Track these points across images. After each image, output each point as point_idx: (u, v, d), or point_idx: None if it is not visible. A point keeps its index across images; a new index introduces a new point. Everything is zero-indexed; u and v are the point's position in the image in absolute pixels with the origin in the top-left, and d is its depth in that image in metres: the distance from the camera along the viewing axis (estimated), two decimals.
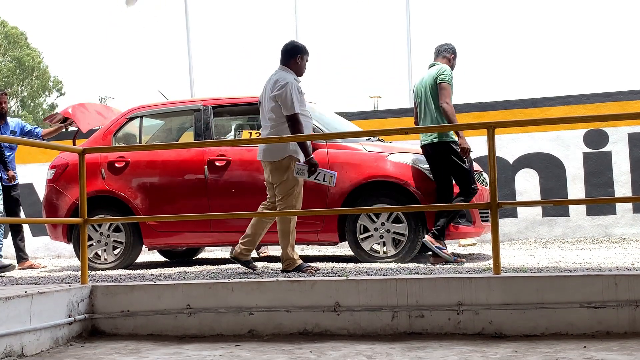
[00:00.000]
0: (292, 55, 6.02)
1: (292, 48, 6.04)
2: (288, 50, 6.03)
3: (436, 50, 6.58)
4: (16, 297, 3.96)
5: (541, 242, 8.91)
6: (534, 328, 4.08)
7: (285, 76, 5.88)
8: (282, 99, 5.77)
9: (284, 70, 6.00)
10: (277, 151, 5.84)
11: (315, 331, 4.34)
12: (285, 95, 5.76)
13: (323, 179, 6.00)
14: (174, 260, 8.69)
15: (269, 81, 6.00)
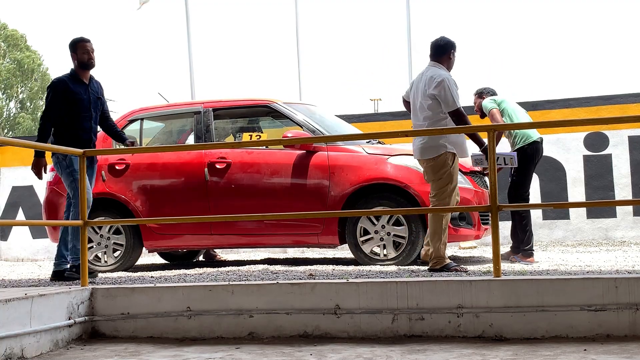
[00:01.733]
0: (445, 51, 5.95)
1: (445, 44, 5.95)
2: (441, 46, 5.95)
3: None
4: (16, 299, 3.95)
5: (541, 245, 8.91)
6: (534, 331, 4.08)
7: (439, 72, 5.82)
8: (443, 96, 5.71)
9: (436, 66, 5.91)
10: (434, 148, 5.79)
11: (316, 334, 4.33)
12: (445, 91, 5.71)
13: (504, 162, 6.02)
14: (174, 262, 8.69)
15: (421, 78, 5.91)
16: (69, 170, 6.08)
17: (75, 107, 6.13)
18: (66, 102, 6.11)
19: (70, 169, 6.07)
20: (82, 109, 6.19)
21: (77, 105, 6.14)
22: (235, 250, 9.84)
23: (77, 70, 6.22)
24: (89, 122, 6.23)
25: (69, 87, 6.14)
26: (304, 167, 6.93)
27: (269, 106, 7.43)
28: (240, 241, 7.40)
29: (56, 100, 6.12)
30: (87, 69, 6.23)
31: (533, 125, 6.44)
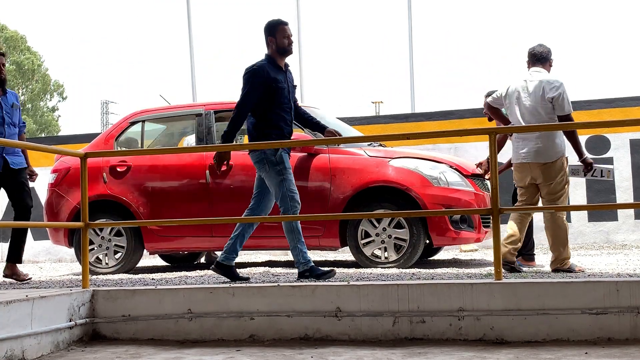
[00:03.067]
0: (547, 58, 6.02)
1: (548, 51, 6.04)
2: (544, 53, 6.01)
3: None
4: (17, 301, 3.95)
5: (542, 248, 8.90)
6: (535, 334, 4.07)
7: (555, 78, 5.87)
8: (560, 100, 5.76)
9: (542, 71, 5.96)
10: (552, 152, 5.82)
11: (316, 336, 4.33)
12: (562, 96, 5.77)
13: (600, 174, 5.98)
14: (175, 264, 8.69)
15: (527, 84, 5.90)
16: (279, 168, 5.49)
17: (276, 97, 5.53)
18: (267, 91, 5.50)
19: (280, 166, 5.49)
20: (283, 98, 5.59)
21: (278, 95, 5.54)
22: None
23: (274, 56, 5.59)
24: (289, 113, 5.67)
25: (270, 74, 5.52)
26: (306, 169, 6.93)
27: None
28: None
29: (257, 88, 5.48)
30: (286, 54, 5.62)
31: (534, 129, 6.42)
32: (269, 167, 5.49)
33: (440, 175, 6.72)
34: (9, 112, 6.38)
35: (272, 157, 5.48)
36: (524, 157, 5.88)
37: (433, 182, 6.66)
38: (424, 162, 6.82)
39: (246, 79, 5.53)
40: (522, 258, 6.67)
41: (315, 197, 6.84)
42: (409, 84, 11.59)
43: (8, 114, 6.36)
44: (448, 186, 6.70)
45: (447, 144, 10.12)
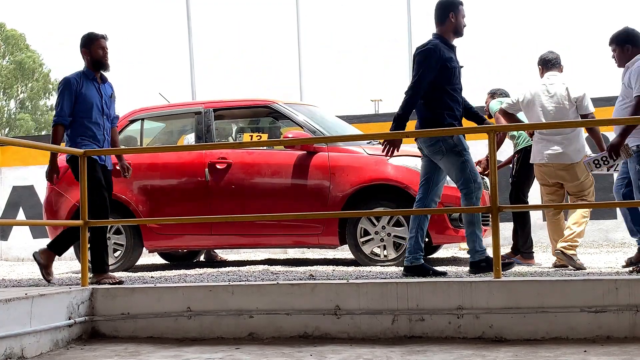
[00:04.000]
0: (559, 63, 6.20)
1: (558, 56, 6.19)
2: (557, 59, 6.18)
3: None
4: (16, 299, 3.95)
5: (542, 246, 8.90)
6: (535, 332, 4.08)
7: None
8: (584, 100, 5.96)
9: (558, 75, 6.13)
10: (576, 153, 5.97)
11: (316, 334, 4.33)
12: (586, 96, 5.99)
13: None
14: (174, 262, 8.69)
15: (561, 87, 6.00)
16: (458, 149, 5.20)
17: (450, 77, 5.25)
18: (442, 71, 5.20)
19: (459, 147, 5.20)
20: (455, 78, 5.29)
21: (451, 75, 5.25)
22: (235, 251, 9.84)
23: (447, 35, 5.32)
24: (460, 95, 5.35)
25: (444, 53, 5.24)
26: (305, 167, 6.93)
27: (270, 106, 7.43)
28: (241, 241, 7.40)
29: (433, 69, 5.17)
30: (460, 35, 5.36)
31: (534, 127, 6.43)
32: (446, 150, 5.20)
33: None
34: (107, 102, 5.97)
35: (450, 139, 5.17)
36: (548, 158, 6.00)
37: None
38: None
39: (421, 59, 5.22)
40: (521, 256, 6.68)
41: (315, 195, 6.84)
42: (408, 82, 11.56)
43: (106, 104, 5.95)
44: (447, 184, 6.69)
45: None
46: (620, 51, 5.59)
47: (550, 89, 6.04)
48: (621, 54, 5.58)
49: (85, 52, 5.85)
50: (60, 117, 5.74)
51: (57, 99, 5.82)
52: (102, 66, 5.88)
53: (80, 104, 5.76)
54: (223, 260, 8.70)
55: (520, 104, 6.17)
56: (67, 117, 5.74)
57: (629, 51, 5.53)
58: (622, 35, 5.58)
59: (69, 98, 5.73)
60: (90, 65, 5.87)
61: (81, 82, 5.80)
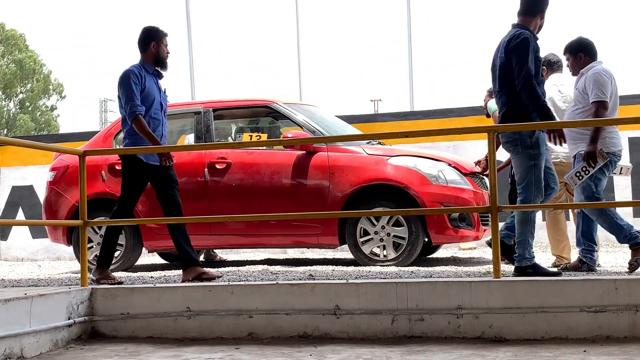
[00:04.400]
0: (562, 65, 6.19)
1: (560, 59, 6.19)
2: (560, 62, 6.20)
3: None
4: (16, 299, 3.95)
5: (542, 246, 8.90)
6: (534, 332, 4.08)
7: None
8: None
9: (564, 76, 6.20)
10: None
11: (315, 334, 4.33)
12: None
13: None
14: (174, 262, 8.69)
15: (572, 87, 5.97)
16: (532, 152, 4.99)
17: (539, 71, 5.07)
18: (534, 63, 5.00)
19: (535, 150, 4.99)
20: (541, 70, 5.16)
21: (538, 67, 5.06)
22: (235, 251, 9.83)
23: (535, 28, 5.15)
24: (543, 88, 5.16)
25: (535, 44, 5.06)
26: (304, 167, 6.93)
27: (269, 106, 7.43)
28: (240, 241, 7.40)
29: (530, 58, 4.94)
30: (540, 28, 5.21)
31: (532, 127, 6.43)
32: (521, 149, 5.03)
33: (439, 173, 6.72)
34: (164, 98, 5.82)
35: (528, 139, 4.99)
36: (564, 157, 6.10)
37: (432, 180, 6.66)
38: (422, 160, 6.81)
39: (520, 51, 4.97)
40: None
41: (314, 195, 6.84)
42: (408, 82, 11.58)
43: (164, 99, 5.80)
44: (447, 184, 6.70)
45: (446, 142, 10.11)
46: (573, 60, 5.76)
47: (562, 90, 6.14)
48: (575, 63, 5.76)
49: (153, 46, 5.66)
50: (137, 107, 5.47)
51: (123, 91, 5.53)
52: (163, 65, 5.75)
53: (143, 98, 5.56)
54: (222, 260, 8.70)
55: None
56: (141, 106, 5.50)
57: (581, 59, 5.71)
58: (575, 44, 5.77)
59: (137, 88, 5.51)
60: (151, 60, 5.68)
61: (143, 75, 5.60)
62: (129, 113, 5.52)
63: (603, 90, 5.45)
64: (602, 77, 5.48)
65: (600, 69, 5.56)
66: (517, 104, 5.02)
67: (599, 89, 5.43)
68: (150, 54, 5.68)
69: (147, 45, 5.68)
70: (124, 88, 5.53)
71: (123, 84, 5.54)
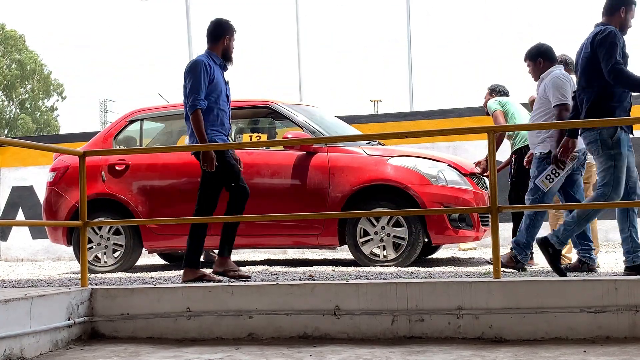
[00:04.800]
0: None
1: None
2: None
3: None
4: (16, 300, 3.95)
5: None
6: (534, 332, 4.08)
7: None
8: None
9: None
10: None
11: (315, 335, 4.33)
12: None
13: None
14: (173, 263, 8.69)
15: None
16: (612, 153, 4.93)
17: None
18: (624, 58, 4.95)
19: (614, 150, 4.93)
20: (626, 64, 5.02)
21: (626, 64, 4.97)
22: (235, 251, 9.80)
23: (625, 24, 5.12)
24: None
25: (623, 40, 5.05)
26: (304, 168, 6.93)
27: (269, 107, 7.43)
28: (240, 242, 7.36)
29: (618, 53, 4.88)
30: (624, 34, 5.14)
31: (533, 127, 6.44)
32: (602, 150, 4.99)
33: (439, 173, 6.73)
34: (229, 90, 5.66)
35: (608, 139, 4.95)
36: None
37: (432, 180, 6.66)
38: (422, 160, 6.82)
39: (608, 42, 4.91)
40: None
41: (314, 195, 6.84)
42: (408, 82, 11.58)
43: (229, 91, 5.64)
44: (447, 185, 6.70)
45: (446, 143, 10.12)
46: (533, 65, 5.95)
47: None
48: (535, 68, 5.94)
49: (225, 40, 5.51)
50: (199, 101, 5.31)
51: (189, 82, 5.36)
52: (230, 59, 5.60)
53: (212, 89, 5.40)
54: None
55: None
56: (204, 100, 5.35)
57: (541, 64, 5.90)
58: (534, 50, 5.96)
59: (205, 80, 5.33)
60: (220, 52, 5.53)
61: (212, 65, 5.44)
62: (190, 105, 5.35)
63: (563, 93, 5.62)
64: (561, 81, 5.67)
65: (559, 72, 5.75)
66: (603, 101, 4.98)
67: (559, 92, 5.62)
68: (220, 46, 5.52)
69: (220, 37, 5.52)
70: (191, 77, 5.35)
71: (191, 72, 5.37)
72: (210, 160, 5.40)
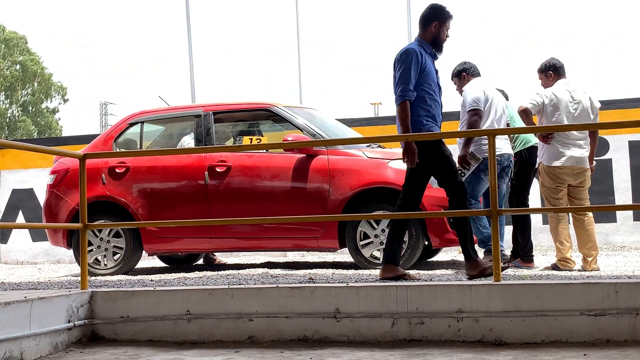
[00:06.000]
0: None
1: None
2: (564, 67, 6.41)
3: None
4: (16, 302, 3.95)
5: (542, 250, 8.89)
6: (534, 335, 4.07)
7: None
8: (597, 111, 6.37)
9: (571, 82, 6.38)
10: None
11: (315, 338, 4.33)
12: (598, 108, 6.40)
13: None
14: (173, 266, 8.69)
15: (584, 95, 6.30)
16: None
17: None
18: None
19: None
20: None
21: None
22: (235, 254, 9.83)
23: None
24: None
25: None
26: (304, 170, 6.93)
27: (270, 110, 7.44)
28: (240, 245, 7.40)
29: None
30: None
31: (532, 130, 6.45)
32: None
33: None
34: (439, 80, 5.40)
35: None
36: (576, 161, 6.21)
37: (432, 183, 6.66)
38: None
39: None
40: (520, 259, 6.68)
41: (314, 198, 6.84)
42: None
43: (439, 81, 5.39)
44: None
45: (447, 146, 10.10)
46: (458, 80, 6.57)
47: (574, 96, 6.28)
48: (460, 83, 6.53)
49: (435, 26, 5.26)
50: (408, 92, 5.09)
51: (399, 70, 5.13)
52: (440, 48, 5.33)
53: (424, 78, 5.17)
54: (222, 263, 8.69)
55: (544, 106, 6.25)
56: (412, 91, 5.13)
57: (465, 79, 6.51)
58: (457, 67, 6.59)
59: (416, 70, 5.11)
60: (429, 40, 5.29)
61: (423, 54, 5.20)
62: (399, 95, 5.13)
63: (474, 99, 6.14)
64: (473, 89, 6.20)
65: (473, 83, 6.32)
66: None
67: (471, 99, 6.14)
68: (429, 33, 5.29)
69: (429, 24, 5.28)
70: (402, 66, 5.14)
71: (402, 61, 5.15)
72: (411, 153, 5.14)
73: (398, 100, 5.15)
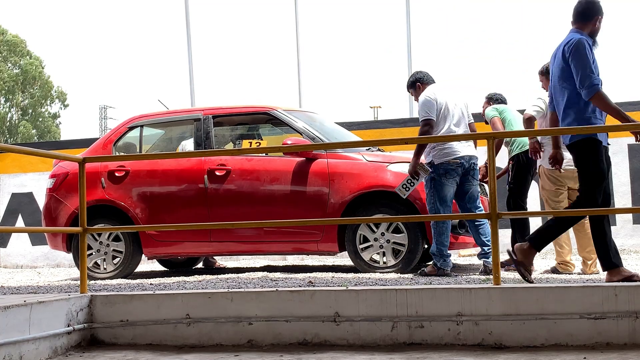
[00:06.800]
0: None
1: None
2: None
3: None
4: (15, 306, 3.95)
5: (541, 253, 8.89)
6: (534, 339, 4.07)
7: None
8: None
9: None
10: None
11: (315, 341, 4.33)
12: None
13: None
14: (173, 269, 8.68)
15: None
16: None
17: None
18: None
19: None
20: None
21: None
22: (234, 258, 9.83)
23: None
24: None
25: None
26: (304, 174, 6.93)
27: (269, 113, 7.44)
28: (240, 248, 7.40)
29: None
30: None
31: (530, 134, 6.45)
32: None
33: None
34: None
35: None
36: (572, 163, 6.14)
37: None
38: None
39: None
40: None
41: (314, 201, 6.84)
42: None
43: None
44: None
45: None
46: (414, 91, 6.61)
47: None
48: (416, 93, 6.55)
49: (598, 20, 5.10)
50: (597, 80, 4.86)
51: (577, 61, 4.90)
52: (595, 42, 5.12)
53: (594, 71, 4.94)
54: (222, 266, 8.69)
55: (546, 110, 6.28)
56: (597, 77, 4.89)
57: (420, 88, 6.52)
58: (411, 78, 6.69)
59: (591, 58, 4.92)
60: (588, 32, 5.09)
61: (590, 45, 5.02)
62: (588, 88, 4.87)
63: (426, 110, 6.22)
64: (425, 99, 6.27)
65: (424, 93, 6.36)
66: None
67: (422, 110, 6.24)
68: (590, 26, 5.10)
69: (592, 17, 5.10)
70: (578, 58, 4.91)
71: (577, 52, 4.92)
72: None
73: (590, 93, 4.87)
